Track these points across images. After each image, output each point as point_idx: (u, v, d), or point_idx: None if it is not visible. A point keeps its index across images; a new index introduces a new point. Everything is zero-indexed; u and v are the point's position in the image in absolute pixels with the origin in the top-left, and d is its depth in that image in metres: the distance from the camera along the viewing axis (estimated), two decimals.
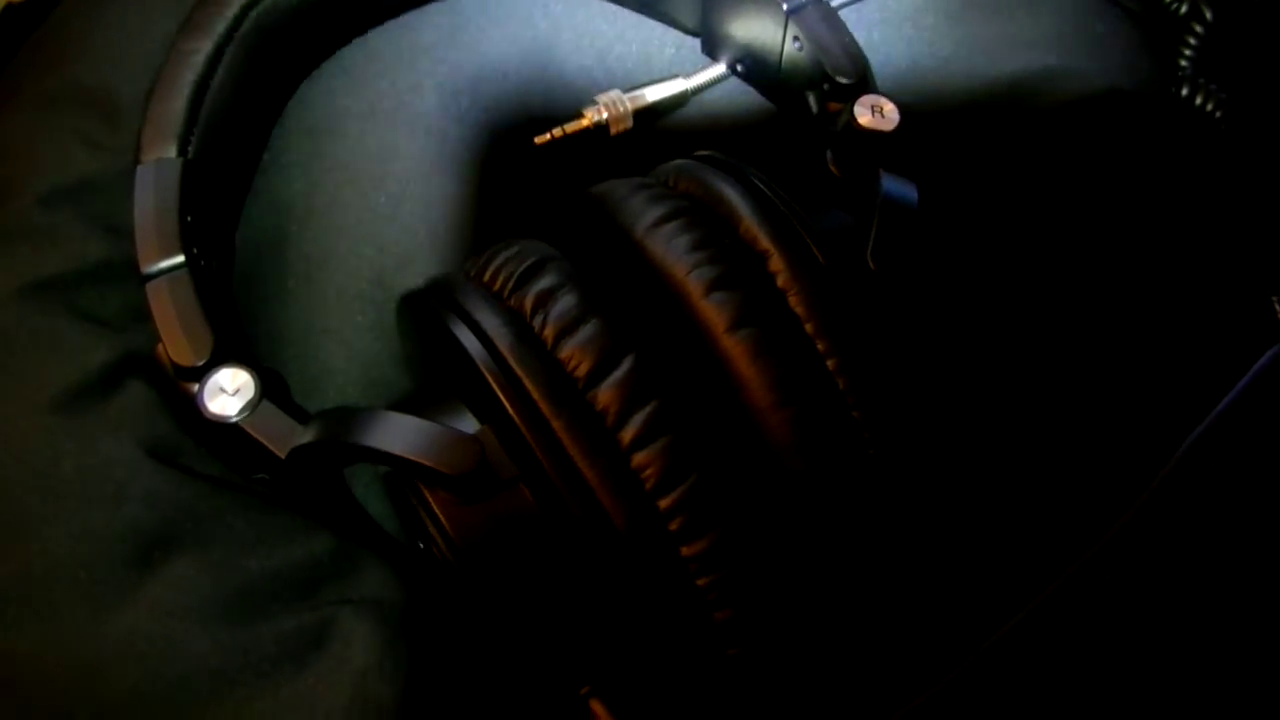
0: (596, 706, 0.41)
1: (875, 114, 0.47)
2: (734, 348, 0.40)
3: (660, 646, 0.40)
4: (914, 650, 0.47)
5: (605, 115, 0.55)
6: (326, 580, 0.46)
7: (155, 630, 0.43)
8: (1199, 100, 0.61)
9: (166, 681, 0.42)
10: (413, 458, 0.37)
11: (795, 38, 0.50)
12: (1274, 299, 0.55)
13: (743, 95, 0.57)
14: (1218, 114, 0.61)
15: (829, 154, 0.48)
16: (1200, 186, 0.58)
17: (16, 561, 0.44)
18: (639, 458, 0.38)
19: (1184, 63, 0.62)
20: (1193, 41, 0.62)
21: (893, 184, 0.45)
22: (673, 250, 0.41)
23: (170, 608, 0.43)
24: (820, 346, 0.40)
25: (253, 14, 0.49)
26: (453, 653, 0.45)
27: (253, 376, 0.41)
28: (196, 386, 0.41)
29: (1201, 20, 0.62)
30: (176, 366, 0.41)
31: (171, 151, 0.45)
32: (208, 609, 0.43)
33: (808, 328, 0.41)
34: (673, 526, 0.38)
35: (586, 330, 0.39)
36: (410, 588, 0.46)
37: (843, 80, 0.48)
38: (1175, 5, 0.63)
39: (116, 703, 0.42)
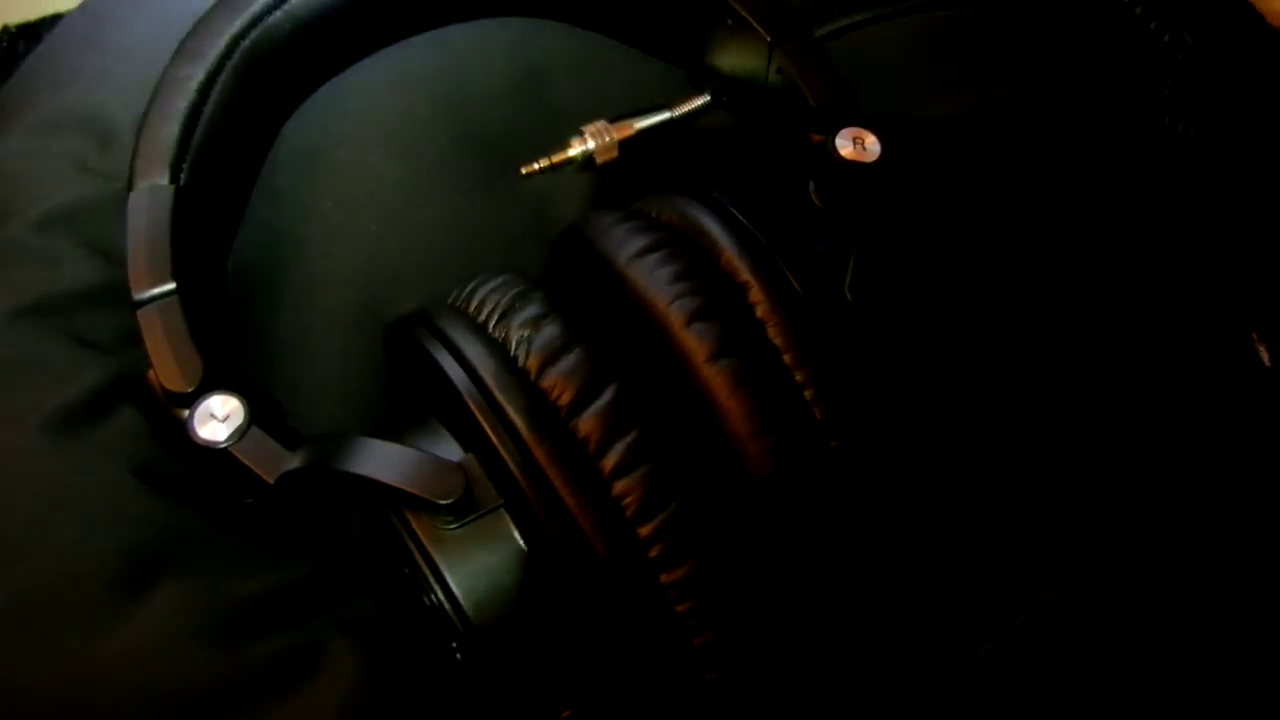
0: None
1: (857, 145, 0.47)
2: (714, 378, 0.40)
3: (640, 671, 0.41)
4: (890, 674, 0.48)
5: (591, 145, 0.55)
6: (314, 605, 0.46)
7: (145, 651, 0.43)
8: (1181, 128, 0.61)
9: (156, 704, 0.43)
10: (398, 485, 0.38)
11: (779, 69, 0.51)
12: (1251, 330, 0.56)
13: (727, 126, 0.57)
14: (1199, 141, 0.61)
15: (811, 185, 0.48)
16: (1181, 214, 0.58)
17: (6, 583, 0.44)
18: (620, 485, 0.39)
19: (1166, 90, 0.62)
20: (1174, 69, 0.63)
21: (872, 216, 0.45)
22: (655, 281, 0.41)
23: (159, 631, 0.44)
24: (799, 377, 0.41)
25: (246, 42, 0.49)
26: (436, 678, 0.45)
27: (242, 403, 0.41)
28: (186, 412, 0.41)
29: (1183, 48, 0.62)
30: (167, 392, 0.41)
31: (164, 178, 0.45)
32: (197, 632, 0.44)
33: (786, 358, 0.41)
34: (653, 553, 0.39)
35: (569, 360, 0.40)
36: (394, 612, 0.46)
37: (826, 111, 0.49)
38: (1158, 31, 0.63)
39: None
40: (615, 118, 0.56)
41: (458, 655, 0.42)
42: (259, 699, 0.44)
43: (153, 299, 0.43)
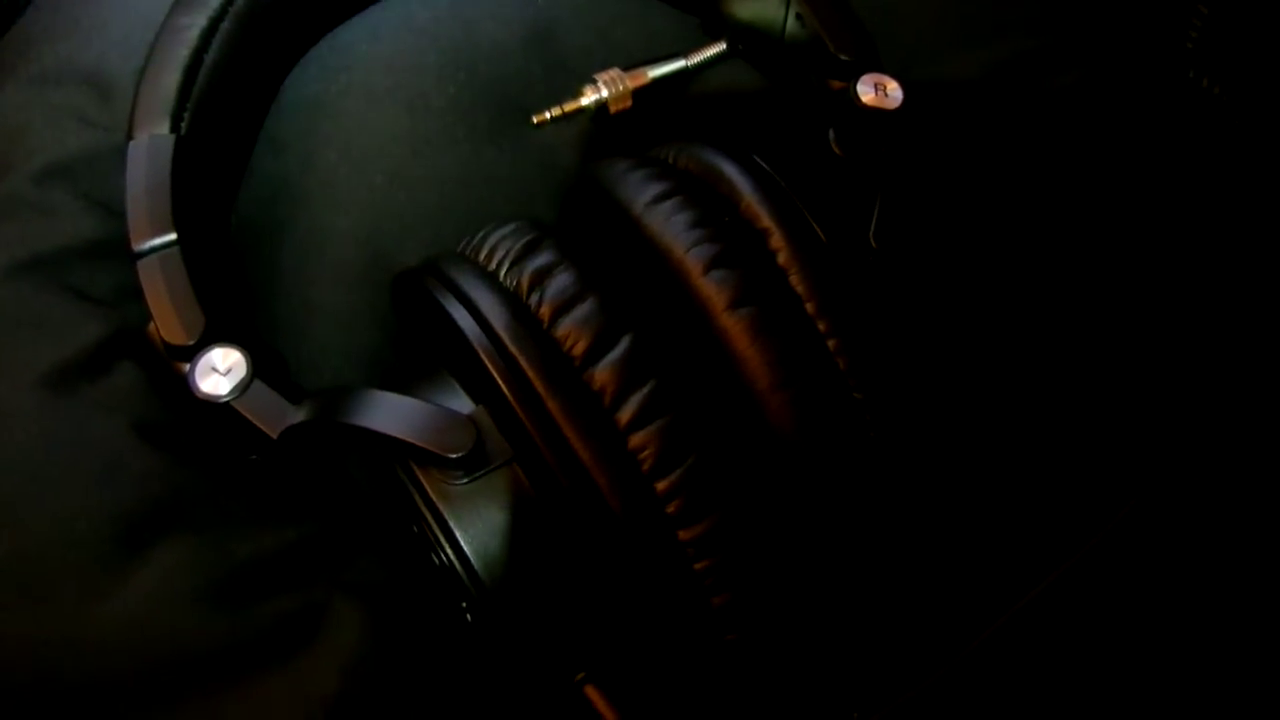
0: (592, 693, 0.41)
1: (879, 92, 0.46)
2: (733, 326, 0.39)
3: (657, 632, 0.40)
4: (913, 635, 0.47)
5: (605, 93, 0.54)
6: (317, 564, 0.45)
7: (144, 612, 0.43)
8: (1205, 83, 0.60)
9: (155, 663, 0.42)
10: (406, 438, 0.37)
11: (798, 15, 0.50)
12: None
13: (744, 74, 0.56)
14: (1224, 96, 0.60)
15: (831, 133, 0.47)
16: (1204, 168, 0.57)
17: (5, 541, 0.43)
18: (636, 439, 0.38)
19: (1189, 45, 0.61)
20: (1198, 23, 0.62)
21: (896, 162, 0.44)
22: (671, 227, 0.40)
23: (159, 590, 0.43)
24: (821, 326, 0.40)
25: None
26: (445, 637, 0.45)
27: (244, 356, 0.40)
28: (188, 366, 0.40)
29: (1208, 2, 0.61)
30: (168, 345, 0.41)
31: (164, 128, 0.44)
32: (197, 592, 0.43)
33: (809, 307, 0.40)
34: (670, 509, 0.38)
35: (583, 308, 0.39)
36: (401, 571, 0.45)
37: (846, 58, 0.47)
38: None
39: (104, 683, 0.42)
40: (629, 66, 0.55)
41: (468, 615, 0.41)
42: (261, 660, 0.43)
43: (153, 249, 0.42)
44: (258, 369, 0.40)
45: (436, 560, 0.40)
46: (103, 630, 0.42)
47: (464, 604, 0.40)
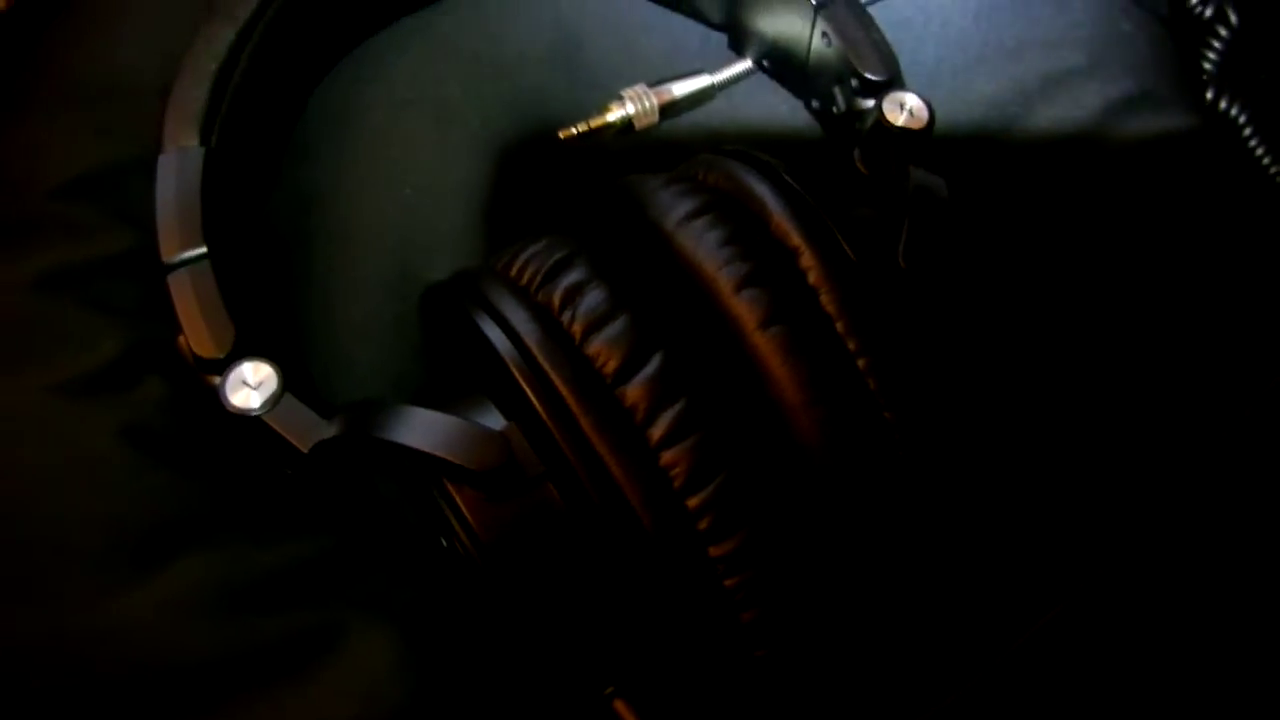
0: (621, 707, 0.41)
1: (904, 111, 0.46)
2: (764, 345, 0.39)
3: (686, 647, 0.40)
4: (942, 651, 0.47)
5: (631, 110, 0.54)
6: (336, 581, 0.46)
7: (155, 622, 0.43)
8: (1223, 105, 0.61)
9: (164, 674, 0.42)
10: (438, 454, 0.37)
11: (824, 33, 0.50)
12: None
13: (769, 91, 0.56)
14: (1241, 119, 0.61)
15: (856, 152, 0.47)
16: (1225, 189, 0.57)
17: (18, 548, 0.44)
18: (667, 456, 0.38)
19: (1208, 66, 0.62)
20: (1217, 45, 0.62)
21: (923, 181, 0.44)
22: (704, 245, 0.40)
23: (173, 600, 0.43)
24: (851, 345, 0.40)
25: (277, 1, 0.48)
26: (471, 654, 0.45)
27: (275, 370, 0.40)
28: (218, 379, 0.40)
29: (1226, 24, 0.62)
30: (198, 358, 0.40)
31: (194, 140, 0.44)
32: (212, 604, 0.43)
33: (839, 326, 0.40)
34: (701, 526, 0.38)
35: (615, 326, 0.39)
36: (429, 587, 0.46)
37: (872, 77, 0.48)
38: (1199, 9, 0.62)
39: (113, 692, 0.42)
40: (655, 82, 0.55)
41: (498, 631, 0.41)
42: (277, 678, 0.43)
43: (183, 263, 0.42)
44: (288, 382, 0.40)
45: (466, 576, 0.40)
46: (110, 635, 0.43)
47: (494, 619, 0.40)
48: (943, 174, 0.45)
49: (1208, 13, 0.63)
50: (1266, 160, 0.60)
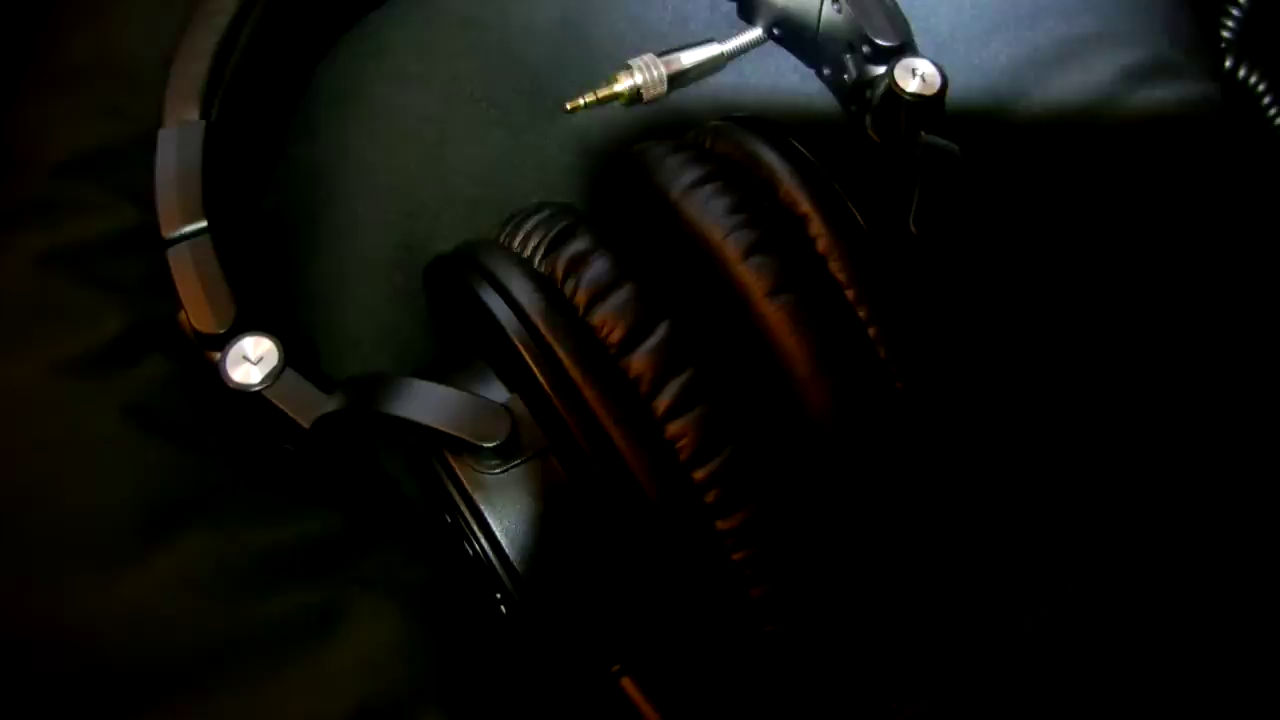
0: (628, 685, 0.40)
1: (916, 78, 0.46)
2: (773, 314, 0.38)
3: (694, 623, 0.39)
4: (951, 627, 0.47)
5: (639, 79, 0.54)
6: (339, 559, 0.45)
7: (161, 601, 0.43)
8: (1242, 73, 0.60)
9: (170, 653, 0.42)
10: (440, 427, 0.37)
11: (834, 1, 0.49)
12: None
13: (779, 60, 0.56)
14: (1260, 86, 0.60)
15: (868, 119, 0.47)
16: (1242, 156, 0.57)
17: (22, 528, 0.44)
18: (673, 428, 0.37)
19: (1226, 33, 0.61)
20: (1235, 13, 0.61)
21: (936, 148, 0.44)
22: (710, 212, 0.40)
23: (177, 579, 0.43)
24: (861, 313, 0.39)
25: None
26: (475, 630, 0.45)
27: (276, 344, 0.40)
28: (219, 354, 0.40)
29: None
30: (198, 334, 0.40)
31: (194, 115, 0.44)
32: (216, 582, 0.43)
33: (849, 294, 0.39)
34: (708, 499, 0.37)
35: (619, 296, 0.38)
36: (432, 564, 0.45)
37: (883, 43, 0.47)
38: None
39: (117, 671, 0.42)
40: (663, 51, 0.54)
41: (502, 607, 0.40)
42: (280, 653, 0.43)
43: (183, 237, 0.42)
44: (289, 357, 0.40)
45: (470, 551, 0.40)
46: (117, 615, 0.43)
47: (498, 595, 0.40)
48: (955, 141, 0.45)
49: None
50: None
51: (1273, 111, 0.61)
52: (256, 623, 0.43)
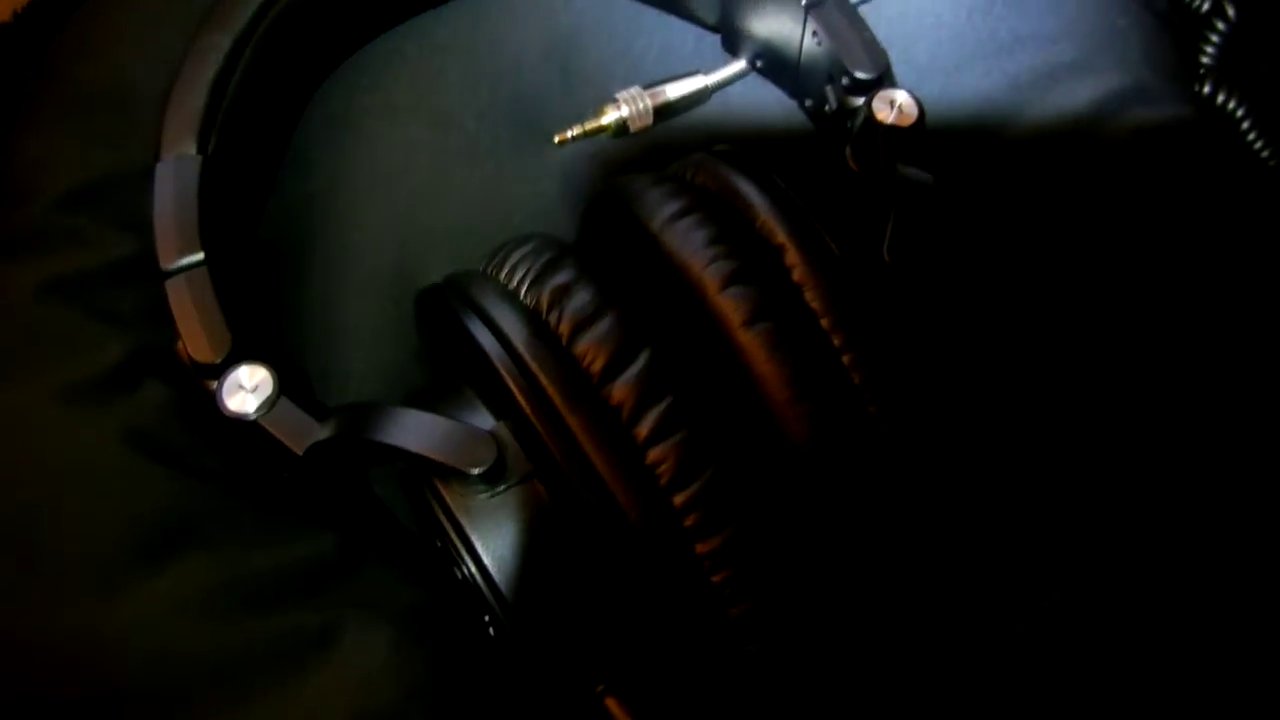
0: (612, 704, 0.41)
1: (893, 109, 0.46)
2: (750, 342, 0.39)
3: (676, 643, 0.40)
4: (930, 645, 0.47)
5: (626, 112, 0.55)
6: (334, 581, 0.46)
7: (159, 622, 0.43)
8: (1220, 99, 0.61)
9: (167, 674, 0.43)
10: (429, 454, 0.37)
11: (814, 33, 0.50)
12: None
13: (763, 91, 0.57)
14: (1239, 112, 0.60)
15: (848, 149, 0.48)
16: (1221, 183, 0.57)
17: (23, 551, 0.44)
18: (654, 453, 0.38)
19: (1205, 59, 0.62)
20: (1215, 39, 0.62)
21: (910, 178, 0.45)
22: (689, 244, 0.41)
23: (174, 601, 0.44)
24: (836, 341, 0.40)
25: (274, 10, 0.49)
26: (465, 652, 0.45)
27: (271, 374, 0.41)
28: (215, 383, 0.41)
29: (1224, 18, 0.62)
30: (195, 363, 0.41)
31: (191, 148, 0.45)
32: (211, 604, 0.44)
33: (824, 322, 0.40)
34: (688, 522, 0.38)
35: (602, 326, 0.39)
36: (423, 587, 0.46)
37: (861, 75, 0.48)
38: (1197, 3, 0.62)
39: (115, 692, 0.43)
40: (649, 84, 0.55)
41: (490, 629, 0.41)
42: (274, 675, 0.43)
43: (181, 269, 0.42)
44: (284, 386, 0.41)
45: (459, 574, 0.41)
46: (116, 636, 0.43)
47: (486, 617, 0.41)
48: (935, 169, 0.45)
49: (1205, 6, 0.62)
50: (1265, 154, 0.60)
51: (1251, 136, 0.61)
52: (252, 644, 0.43)
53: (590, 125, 0.55)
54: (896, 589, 0.45)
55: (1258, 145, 0.60)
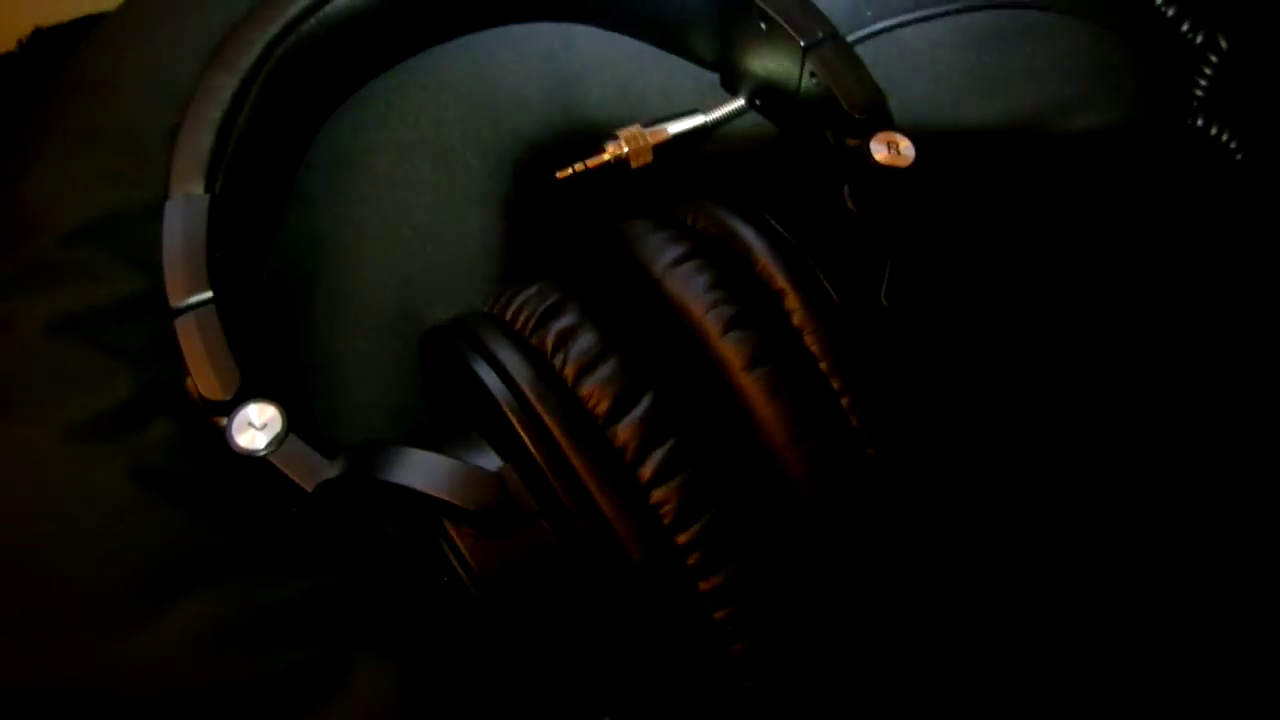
0: None
1: (891, 150, 0.47)
2: (750, 385, 0.40)
3: (678, 678, 0.41)
4: (928, 681, 0.48)
5: (626, 149, 0.55)
6: (343, 616, 0.47)
7: (169, 659, 0.44)
8: (1214, 130, 0.61)
9: (178, 711, 0.43)
10: (436, 494, 0.38)
11: (812, 73, 0.50)
12: None
13: (762, 130, 0.57)
14: (1233, 144, 0.61)
15: (846, 189, 0.48)
16: (1216, 219, 0.58)
17: (33, 588, 0.45)
18: (657, 494, 0.39)
19: (1199, 92, 0.62)
20: (1208, 71, 0.62)
21: (908, 221, 0.45)
22: (691, 289, 0.41)
23: (184, 638, 0.44)
24: (835, 384, 0.41)
25: (279, 50, 0.49)
26: (471, 688, 0.46)
27: (279, 411, 0.41)
28: (225, 420, 0.41)
29: (1216, 50, 0.62)
30: (205, 401, 0.42)
31: (199, 187, 0.45)
32: (220, 641, 0.44)
33: (822, 365, 0.41)
34: (690, 561, 0.39)
35: (606, 368, 0.40)
36: (431, 623, 0.47)
37: (858, 116, 0.48)
38: (1190, 34, 0.63)
39: None
40: (649, 122, 0.56)
41: (496, 665, 0.42)
42: (277, 711, 0.44)
43: (190, 308, 0.43)
44: (293, 424, 0.41)
45: (465, 610, 0.41)
46: (125, 674, 0.44)
47: (492, 653, 0.41)
48: (934, 208, 0.46)
49: (1198, 38, 0.63)
50: (1260, 184, 0.61)
51: (1246, 169, 0.61)
52: (260, 679, 0.44)
53: (592, 162, 0.55)
54: (892, 626, 0.46)
55: (1252, 177, 0.61)
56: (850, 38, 0.55)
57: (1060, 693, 0.48)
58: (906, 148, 0.47)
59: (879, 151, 0.47)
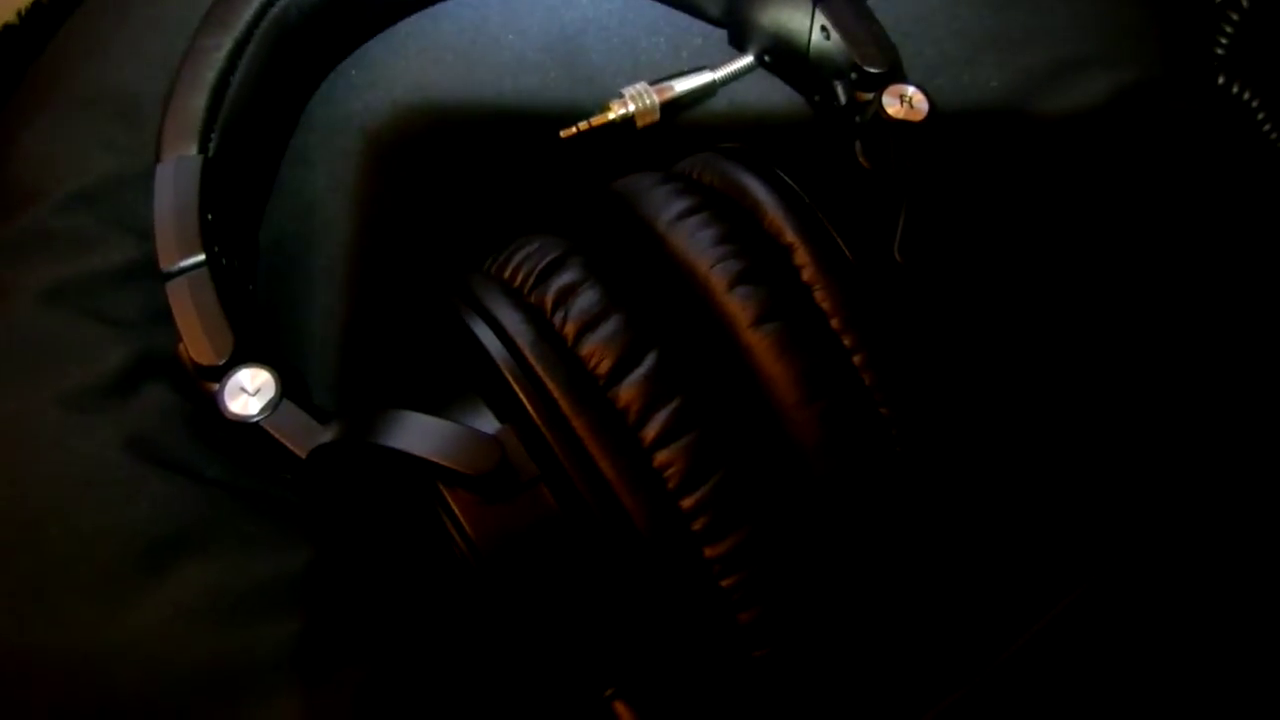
0: (621, 709, 0.40)
1: (904, 104, 0.46)
2: (759, 343, 0.39)
3: (684, 648, 0.40)
4: (940, 650, 0.47)
5: (632, 108, 0.54)
6: (337, 587, 0.46)
7: (161, 631, 0.43)
8: (1235, 89, 0.60)
9: (171, 682, 0.43)
10: (433, 458, 0.37)
11: (823, 27, 0.50)
12: None
13: (770, 86, 0.56)
14: (1255, 103, 0.60)
15: (857, 145, 0.47)
16: (1236, 176, 0.57)
17: (27, 559, 0.44)
18: (661, 456, 0.37)
19: (1220, 50, 0.61)
20: (1228, 29, 0.61)
21: (921, 176, 0.44)
22: (696, 244, 0.40)
23: (177, 609, 0.44)
24: (847, 341, 0.40)
25: (274, 9, 0.49)
26: (470, 658, 0.45)
27: (273, 376, 0.40)
28: (217, 386, 0.40)
29: (1238, 7, 0.61)
30: (197, 366, 0.41)
31: (192, 149, 0.45)
32: (214, 612, 0.44)
33: (834, 322, 0.40)
34: (696, 526, 0.37)
35: (608, 327, 0.38)
36: (426, 593, 0.46)
37: (871, 70, 0.47)
38: None
39: (120, 701, 0.43)
40: (656, 80, 0.55)
41: (496, 634, 0.41)
42: (276, 682, 0.43)
43: (182, 271, 0.42)
44: (286, 389, 0.40)
45: (465, 578, 0.40)
46: (120, 645, 0.43)
47: (492, 622, 0.40)
48: (947, 165, 0.45)
49: None
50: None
51: (1267, 127, 0.61)
52: (253, 652, 0.43)
53: (597, 121, 0.54)
54: (908, 592, 0.45)
55: (1274, 136, 0.60)
56: None
57: (1083, 659, 0.47)
58: (920, 101, 0.46)
59: (892, 105, 0.46)
